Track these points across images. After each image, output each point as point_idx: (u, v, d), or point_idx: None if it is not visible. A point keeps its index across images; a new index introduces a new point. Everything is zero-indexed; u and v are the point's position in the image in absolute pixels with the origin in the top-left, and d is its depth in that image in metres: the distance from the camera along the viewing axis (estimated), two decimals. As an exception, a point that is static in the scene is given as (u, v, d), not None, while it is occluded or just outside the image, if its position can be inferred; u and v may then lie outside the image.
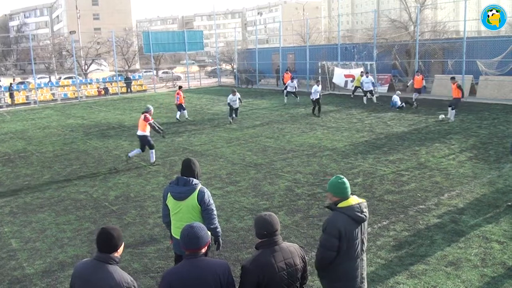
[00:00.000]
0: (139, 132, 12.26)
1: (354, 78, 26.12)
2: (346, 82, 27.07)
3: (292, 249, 3.54)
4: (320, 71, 29.61)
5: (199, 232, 3.29)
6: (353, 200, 3.91)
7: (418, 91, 21.73)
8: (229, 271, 3.32)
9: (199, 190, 4.75)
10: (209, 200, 4.77)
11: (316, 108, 19.56)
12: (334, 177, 4.02)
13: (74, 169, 12.30)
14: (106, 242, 3.26)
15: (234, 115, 18.76)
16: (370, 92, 22.92)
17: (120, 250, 3.36)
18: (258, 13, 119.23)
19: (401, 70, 28.15)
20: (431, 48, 25.85)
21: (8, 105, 30.00)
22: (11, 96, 30.50)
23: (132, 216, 8.57)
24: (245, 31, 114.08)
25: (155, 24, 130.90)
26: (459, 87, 16.55)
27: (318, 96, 19.39)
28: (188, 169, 4.84)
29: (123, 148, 14.70)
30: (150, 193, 9.92)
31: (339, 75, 27.51)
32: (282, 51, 35.93)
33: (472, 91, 23.78)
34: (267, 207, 8.66)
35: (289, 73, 29.09)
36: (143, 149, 12.37)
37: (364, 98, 23.04)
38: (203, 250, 3.33)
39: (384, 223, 7.63)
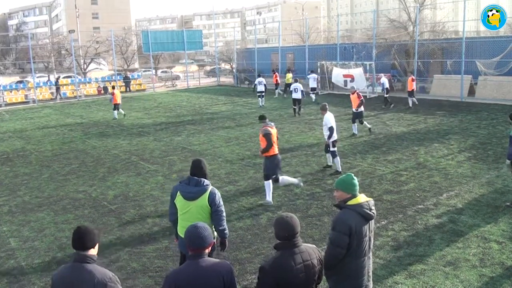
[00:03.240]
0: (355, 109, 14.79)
1: (353, 78, 26.13)
2: (345, 81, 27.07)
3: (311, 251, 3.54)
4: (319, 71, 29.63)
5: (203, 232, 3.29)
6: (362, 198, 3.96)
7: (411, 94, 20.77)
8: (232, 272, 3.33)
9: (210, 191, 4.76)
10: (219, 202, 4.80)
11: (297, 107, 19.91)
12: (344, 175, 4.09)
13: (73, 168, 12.29)
14: (80, 239, 3.29)
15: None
16: (313, 89, 24.47)
17: (96, 247, 3.39)
18: (257, 13, 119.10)
19: (400, 70, 28.17)
20: (430, 48, 25.85)
21: (53, 99, 31.63)
22: (57, 90, 32.08)
23: (131, 215, 8.57)
24: (244, 30, 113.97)
25: (154, 23, 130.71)
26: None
27: (300, 96, 19.67)
28: (198, 169, 4.88)
29: (121, 148, 14.69)
30: (149, 192, 9.92)
31: (338, 75, 27.52)
32: (281, 51, 35.93)
33: (471, 91, 23.80)
34: (266, 207, 8.66)
35: (276, 73, 28.74)
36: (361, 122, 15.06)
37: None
38: (207, 251, 3.32)
39: (383, 223, 7.64)
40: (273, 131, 8.87)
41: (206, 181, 4.81)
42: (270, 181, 8.69)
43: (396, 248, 6.68)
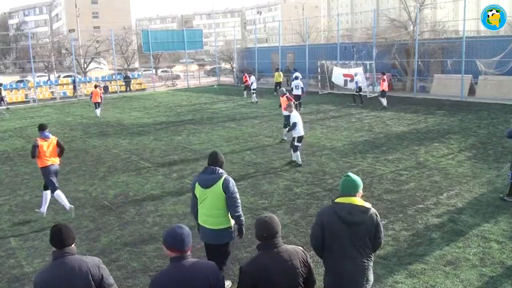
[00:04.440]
0: (284, 112, 14.16)
1: (352, 78, 26.11)
2: (345, 81, 27.07)
3: (293, 252, 3.49)
4: (319, 70, 29.62)
5: (183, 231, 3.32)
6: (349, 199, 3.87)
7: (382, 94, 20.63)
8: (218, 271, 3.37)
9: (224, 179, 5.05)
10: (233, 189, 5.06)
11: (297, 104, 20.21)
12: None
13: (73, 168, 12.28)
14: (63, 237, 3.41)
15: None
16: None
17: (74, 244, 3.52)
18: (258, 12, 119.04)
19: (401, 70, 28.16)
20: (430, 47, 25.84)
21: (70, 97, 32.72)
22: (74, 88, 33.20)
23: (131, 214, 8.57)
24: (244, 30, 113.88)
25: (155, 22, 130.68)
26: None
27: (300, 92, 20.06)
28: (214, 160, 5.20)
29: (122, 147, 14.69)
30: (149, 191, 9.92)
31: (338, 74, 27.51)
32: (282, 50, 35.90)
33: (472, 91, 23.80)
34: (266, 206, 8.66)
35: (246, 74, 28.64)
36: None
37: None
38: (189, 252, 3.36)
39: (383, 222, 7.63)
40: (45, 143, 8.45)
41: (221, 170, 5.10)
42: (48, 192, 8.54)
43: (396, 248, 6.68)
